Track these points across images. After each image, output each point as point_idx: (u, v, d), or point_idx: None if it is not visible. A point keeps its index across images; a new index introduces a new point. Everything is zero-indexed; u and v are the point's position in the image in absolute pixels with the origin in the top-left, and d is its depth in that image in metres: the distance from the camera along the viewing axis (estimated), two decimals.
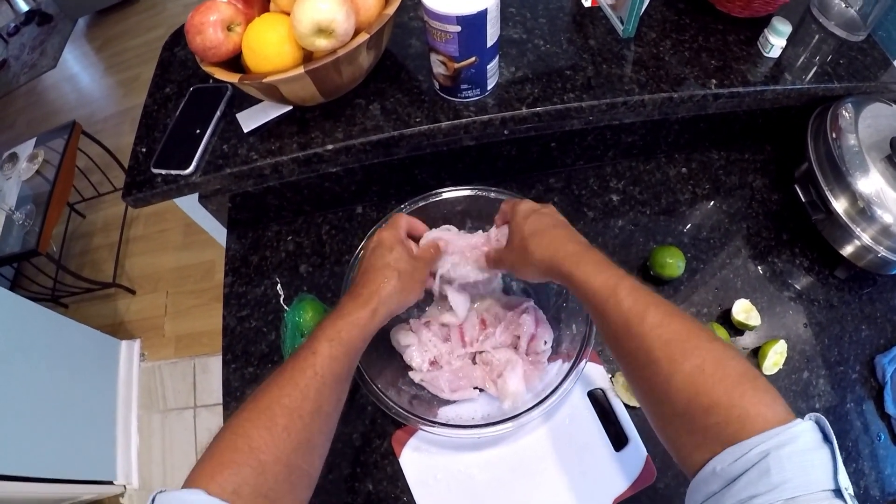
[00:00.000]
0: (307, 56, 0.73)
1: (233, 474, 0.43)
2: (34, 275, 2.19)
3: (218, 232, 0.98)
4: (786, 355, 0.78)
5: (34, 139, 2.21)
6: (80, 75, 3.46)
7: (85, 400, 1.86)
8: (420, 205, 0.78)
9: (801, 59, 0.86)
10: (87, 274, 2.27)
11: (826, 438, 0.38)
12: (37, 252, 1.90)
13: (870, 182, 0.77)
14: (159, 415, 2.05)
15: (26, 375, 1.61)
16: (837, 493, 0.35)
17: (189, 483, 0.43)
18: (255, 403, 0.49)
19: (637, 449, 0.72)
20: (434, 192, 0.79)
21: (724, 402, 0.42)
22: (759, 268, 0.87)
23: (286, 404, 0.49)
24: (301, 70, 0.69)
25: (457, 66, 0.72)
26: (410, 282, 0.64)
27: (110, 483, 1.86)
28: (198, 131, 0.81)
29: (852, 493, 0.36)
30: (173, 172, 0.78)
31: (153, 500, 0.41)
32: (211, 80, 0.84)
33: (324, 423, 0.53)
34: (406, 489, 0.72)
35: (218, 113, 0.82)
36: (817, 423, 0.39)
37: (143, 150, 0.83)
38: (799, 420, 0.39)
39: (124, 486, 1.89)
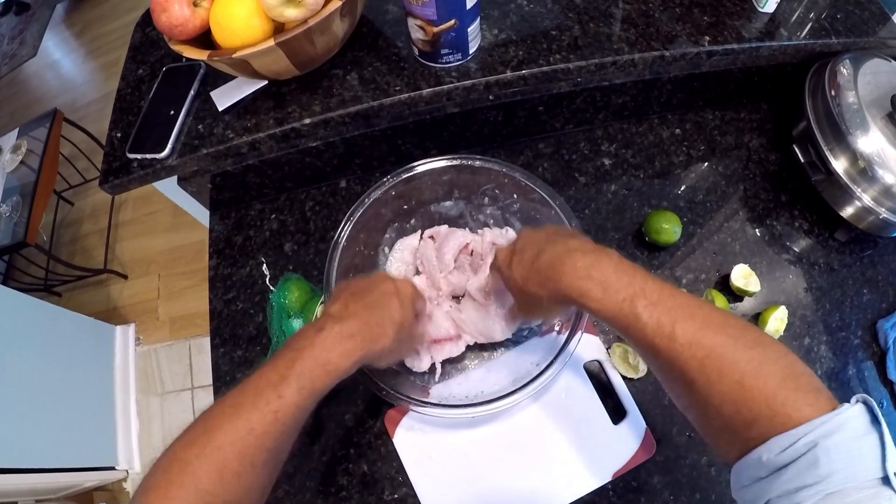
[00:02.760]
0: (278, 28, 0.70)
1: None
2: (25, 266, 2.19)
3: (201, 213, 0.96)
4: (786, 321, 0.77)
5: (17, 130, 2.19)
6: (61, 62, 3.41)
7: (83, 388, 1.87)
8: (404, 176, 0.75)
9: (796, 14, 0.82)
10: (79, 261, 2.27)
11: (875, 420, 0.37)
12: (26, 243, 1.89)
13: (870, 141, 0.75)
14: (157, 398, 2.06)
15: (23, 367, 1.62)
16: (885, 480, 0.34)
17: (141, 496, 0.41)
18: (207, 436, 0.45)
19: (636, 422, 0.70)
20: (418, 162, 0.76)
21: (766, 413, 0.40)
22: (757, 231, 0.85)
23: (240, 449, 0.45)
24: (272, 43, 0.66)
25: (436, 29, 0.68)
26: (398, 350, 0.60)
27: (112, 469, 1.87)
28: (172, 112, 0.78)
29: None
30: (149, 156, 0.76)
31: None
32: (183, 60, 0.81)
33: (274, 469, 0.49)
34: (401, 469, 0.71)
35: (192, 92, 0.80)
36: (865, 404, 0.39)
37: (119, 134, 0.81)
38: (846, 405, 0.38)
39: (126, 471, 1.91)
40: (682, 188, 0.88)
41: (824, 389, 0.41)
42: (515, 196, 0.78)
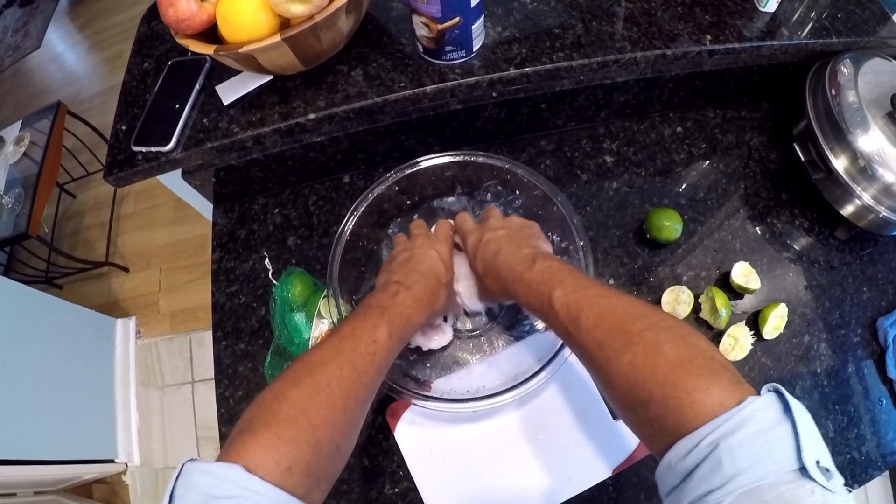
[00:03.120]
0: (284, 23, 0.70)
1: (291, 449, 0.41)
2: (27, 258, 2.19)
3: (204, 207, 0.96)
4: (786, 319, 0.77)
5: (20, 122, 2.18)
6: (64, 55, 3.40)
7: (83, 380, 1.87)
8: (407, 172, 0.76)
9: (797, 14, 0.83)
10: (80, 254, 2.27)
11: (787, 409, 0.35)
12: (28, 235, 1.89)
13: (870, 140, 0.75)
14: (157, 391, 2.07)
15: (23, 359, 1.62)
16: (803, 471, 0.32)
17: (237, 454, 0.39)
18: (312, 378, 0.47)
19: None
20: (422, 158, 0.77)
21: (657, 395, 0.40)
22: (757, 229, 0.85)
23: (347, 386, 0.48)
24: (278, 38, 0.66)
25: (440, 27, 0.69)
26: (447, 306, 0.68)
27: (112, 461, 1.88)
28: (177, 106, 0.78)
29: (825, 463, 0.33)
30: (154, 149, 0.76)
31: (181, 470, 0.38)
32: (189, 54, 0.81)
33: (367, 409, 0.53)
34: (402, 463, 0.72)
35: (197, 86, 0.80)
36: (777, 392, 0.37)
37: (123, 127, 0.81)
38: (751, 398, 0.36)
39: (126, 464, 1.92)
40: (684, 186, 0.89)
41: (724, 378, 0.39)
42: (518, 192, 0.78)
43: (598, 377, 0.49)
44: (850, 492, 0.36)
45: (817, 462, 0.33)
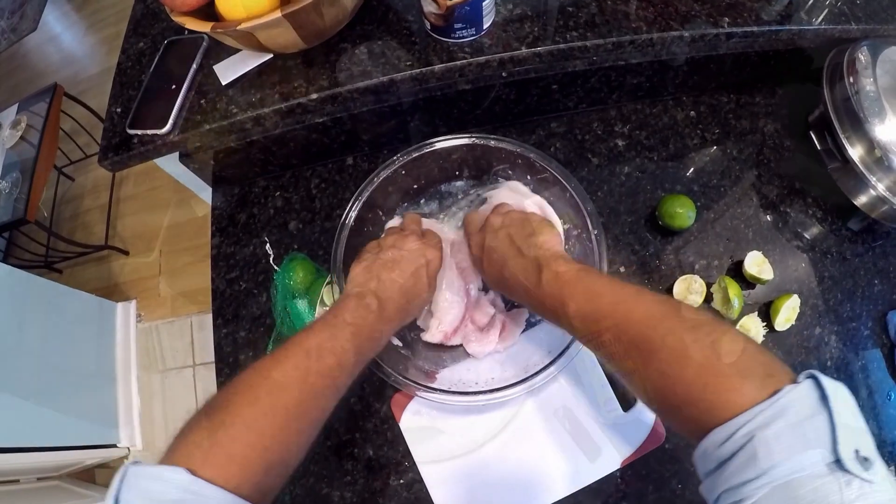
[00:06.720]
0: None
1: (240, 470, 0.41)
2: (26, 243, 2.17)
3: (203, 190, 0.94)
4: (798, 311, 0.75)
5: (16, 105, 2.16)
6: (62, 36, 3.35)
7: (84, 365, 1.87)
8: (415, 155, 0.74)
9: None
10: (80, 237, 2.26)
11: (824, 397, 0.35)
12: (26, 220, 1.88)
13: (887, 129, 0.73)
14: (159, 375, 2.07)
15: (23, 345, 1.62)
16: (838, 464, 0.32)
17: (185, 460, 0.39)
18: (270, 399, 0.45)
19: (645, 410, 0.69)
20: (432, 140, 0.74)
21: (689, 399, 0.41)
22: (770, 218, 0.84)
23: (304, 409, 0.47)
24: (278, 14, 0.63)
25: (449, 3, 0.66)
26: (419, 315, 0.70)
27: (114, 446, 1.88)
28: (174, 87, 0.76)
29: (865, 451, 0.32)
30: (150, 132, 0.74)
31: (125, 474, 0.37)
32: (186, 32, 0.79)
33: (322, 423, 0.51)
34: (407, 454, 0.71)
35: (194, 66, 0.77)
36: (814, 379, 0.36)
37: (119, 110, 0.79)
38: (787, 388, 0.36)
39: (128, 449, 1.92)
40: (696, 172, 0.87)
41: (756, 374, 0.39)
42: (529, 177, 0.76)
43: (627, 383, 0.49)
44: None
45: (857, 451, 0.32)
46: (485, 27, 0.72)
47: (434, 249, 0.65)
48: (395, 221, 0.77)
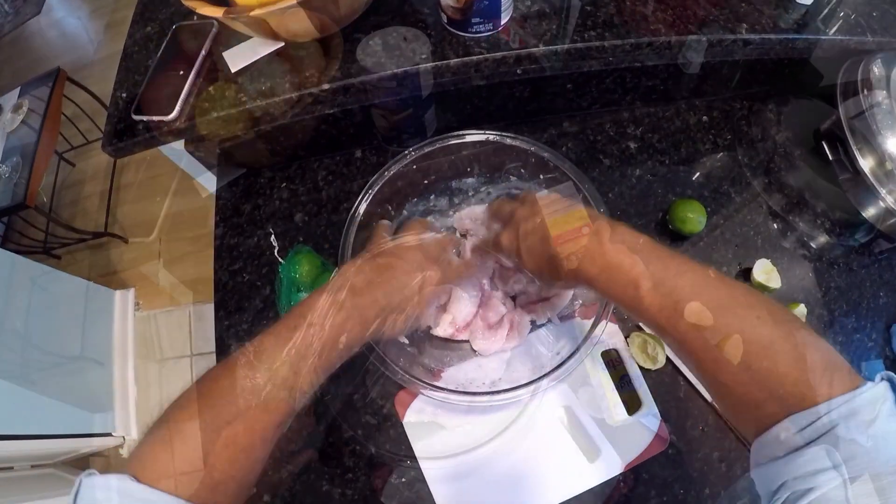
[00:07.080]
0: None
1: (188, 491, 0.41)
2: (24, 228, 2.15)
3: (207, 179, 0.93)
4: (804, 320, 0.75)
5: (18, 89, 2.13)
6: (65, 20, 3.32)
7: (80, 353, 1.85)
8: (426, 150, 0.73)
9: (834, 8, 0.80)
10: (79, 223, 2.24)
11: None
12: (25, 205, 1.85)
13: None
14: (156, 364, 2.05)
15: (19, 332, 1.60)
16: None
17: (131, 466, 0.41)
18: (229, 429, 0.45)
19: (650, 413, 0.69)
20: (446, 135, 0.74)
21: (777, 394, 0.39)
22: (779, 226, 0.83)
23: (259, 436, 0.47)
24: (293, 1, 0.62)
25: None
26: (404, 328, 0.60)
27: (109, 435, 1.87)
28: (181, 73, 0.75)
29: None
30: (155, 119, 0.73)
31: (80, 485, 0.39)
32: (195, 17, 0.78)
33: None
34: (409, 452, 0.70)
35: (203, 52, 0.76)
36: (889, 381, 0.37)
37: (123, 95, 0.77)
38: (870, 384, 0.36)
39: (123, 438, 1.90)
40: (707, 177, 0.86)
41: (843, 369, 0.39)
42: (541, 177, 0.76)
43: (702, 375, 0.46)
44: None
45: None
46: (502, 23, 0.71)
47: (434, 263, 0.60)
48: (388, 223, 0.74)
